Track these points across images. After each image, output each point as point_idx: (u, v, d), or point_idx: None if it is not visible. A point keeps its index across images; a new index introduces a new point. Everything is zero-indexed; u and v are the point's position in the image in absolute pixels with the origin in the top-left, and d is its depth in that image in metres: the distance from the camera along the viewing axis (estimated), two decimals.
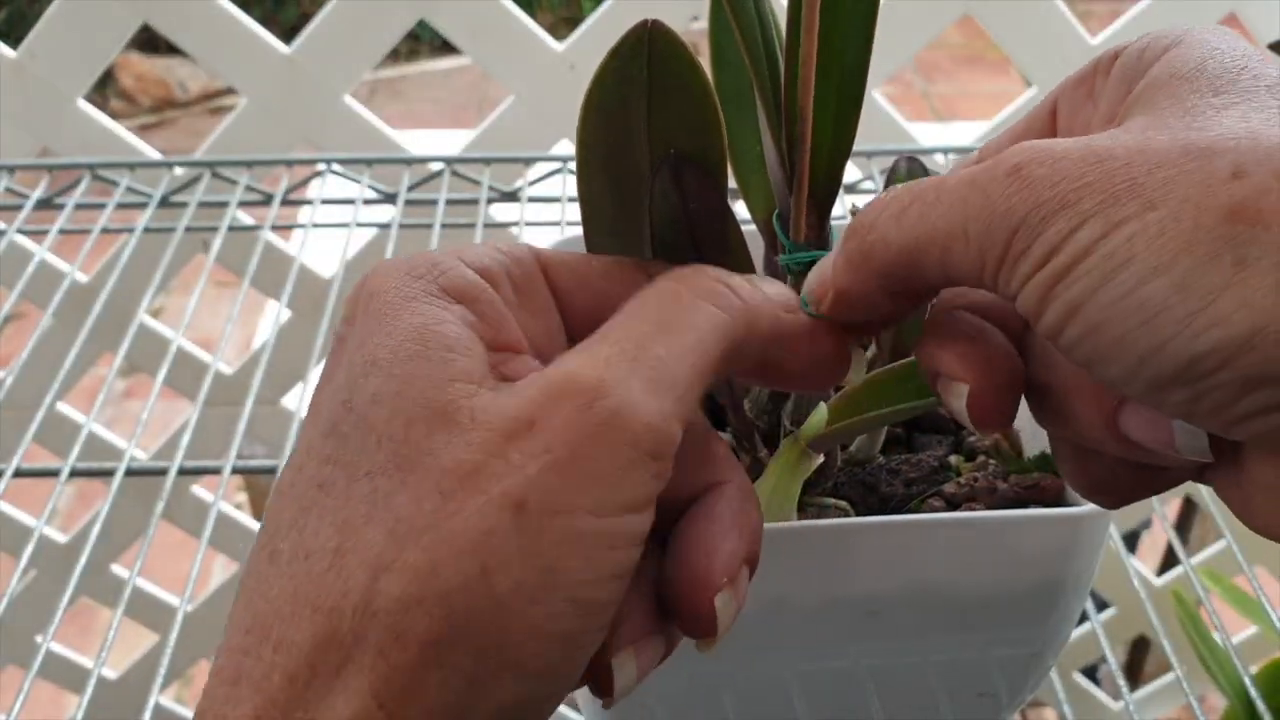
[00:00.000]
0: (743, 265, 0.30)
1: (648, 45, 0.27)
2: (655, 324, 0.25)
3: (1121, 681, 0.51)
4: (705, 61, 0.38)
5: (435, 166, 0.87)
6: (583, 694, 0.43)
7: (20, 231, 0.84)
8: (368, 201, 0.87)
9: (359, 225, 0.86)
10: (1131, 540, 1.65)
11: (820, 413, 0.35)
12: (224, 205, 0.83)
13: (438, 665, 0.22)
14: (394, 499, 0.23)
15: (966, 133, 1.10)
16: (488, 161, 0.87)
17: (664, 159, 0.28)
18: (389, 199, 0.87)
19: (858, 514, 0.40)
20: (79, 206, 0.85)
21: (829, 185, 0.34)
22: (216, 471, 0.65)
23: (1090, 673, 1.43)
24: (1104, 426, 0.26)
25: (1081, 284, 0.23)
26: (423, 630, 0.22)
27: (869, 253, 0.27)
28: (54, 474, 0.64)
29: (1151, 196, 0.22)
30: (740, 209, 0.40)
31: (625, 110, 0.28)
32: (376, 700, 0.22)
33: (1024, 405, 0.45)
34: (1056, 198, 0.23)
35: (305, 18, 1.30)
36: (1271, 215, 0.21)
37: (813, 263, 0.35)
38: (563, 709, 1.21)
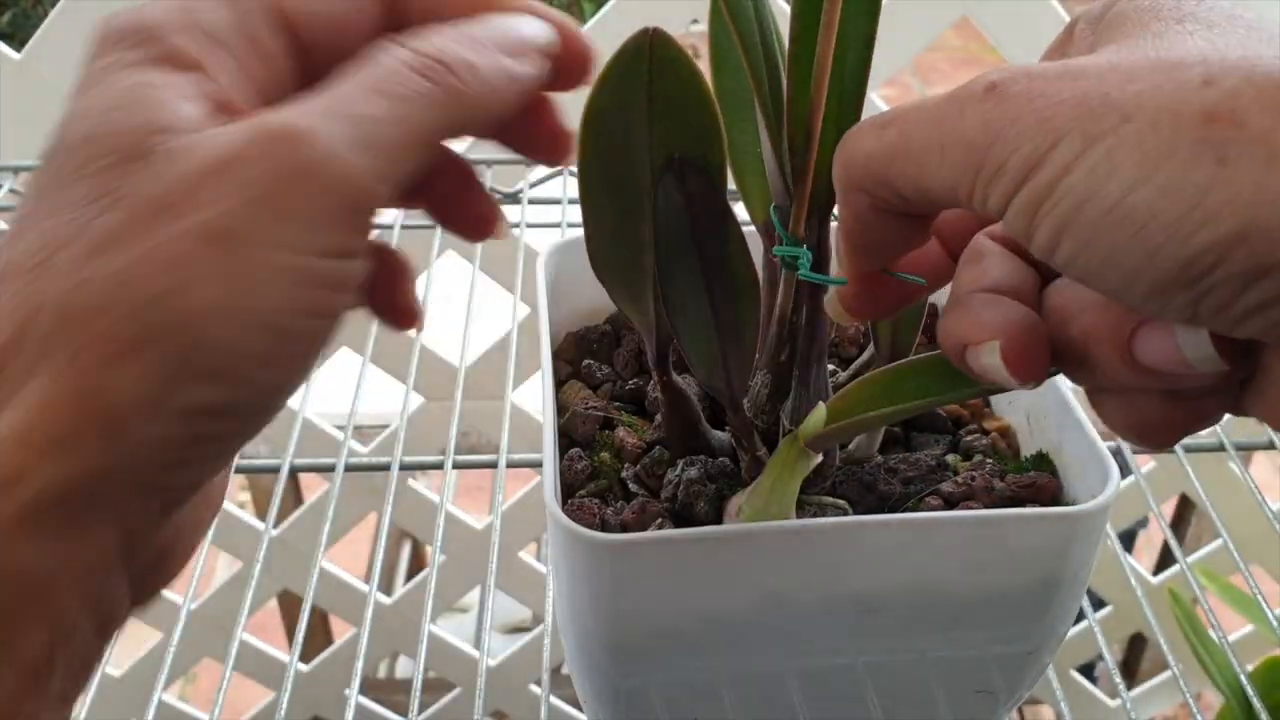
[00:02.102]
0: (743, 262, 0.31)
1: (649, 53, 0.27)
2: (370, 88, 0.25)
3: (1118, 679, 0.52)
4: (705, 64, 0.38)
5: None
6: (583, 693, 0.43)
7: None
8: None
9: None
10: (1128, 539, 1.66)
11: (819, 412, 0.36)
12: None
13: (133, 363, 0.23)
14: (91, 225, 0.24)
15: None
16: (489, 163, 0.87)
17: (668, 163, 0.29)
18: None
19: (856, 512, 0.41)
20: None
21: (829, 188, 0.35)
22: None
23: (1087, 670, 1.44)
24: (1122, 363, 0.26)
25: (1067, 202, 0.23)
26: (118, 333, 0.23)
27: (848, 162, 0.28)
28: None
29: (1126, 109, 0.23)
30: (739, 210, 0.41)
31: (626, 117, 0.28)
32: (73, 392, 0.23)
33: (1022, 402, 0.46)
34: (1032, 113, 0.24)
35: None
36: (1245, 114, 0.22)
37: (801, 259, 0.36)
38: (565, 708, 1.22)
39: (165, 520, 0.25)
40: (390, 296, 0.30)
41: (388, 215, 0.91)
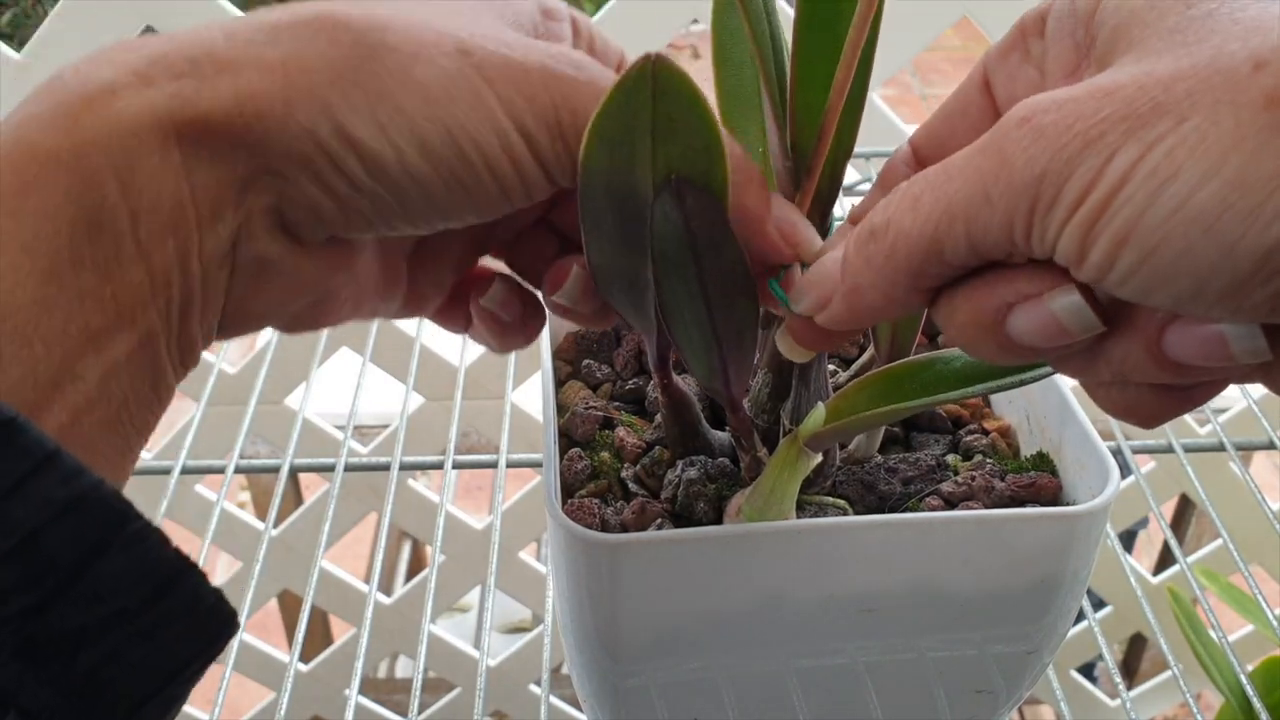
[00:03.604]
0: (741, 271, 0.31)
1: (651, 80, 0.27)
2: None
3: (1118, 679, 0.52)
4: (707, 64, 0.38)
5: None
6: (583, 693, 0.43)
7: None
8: None
9: None
10: (1128, 539, 1.66)
11: (819, 412, 0.36)
12: None
13: (347, 55, 0.27)
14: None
15: None
16: None
17: (665, 183, 0.29)
18: None
19: (856, 512, 0.41)
20: None
21: (830, 186, 0.35)
22: (220, 471, 0.65)
23: (1087, 670, 1.44)
24: (1148, 360, 0.25)
25: (1126, 211, 0.22)
26: (348, 34, 0.27)
27: (892, 251, 0.26)
28: None
29: (1180, 110, 0.22)
30: None
31: (630, 139, 0.28)
32: (282, 44, 0.27)
33: (1022, 402, 0.46)
34: (1077, 138, 0.23)
35: None
36: None
37: None
38: (565, 708, 1.22)
39: (277, 232, 0.28)
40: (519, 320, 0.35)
41: None
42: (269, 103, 0.26)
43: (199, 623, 0.25)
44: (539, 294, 0.35)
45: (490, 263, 0.37)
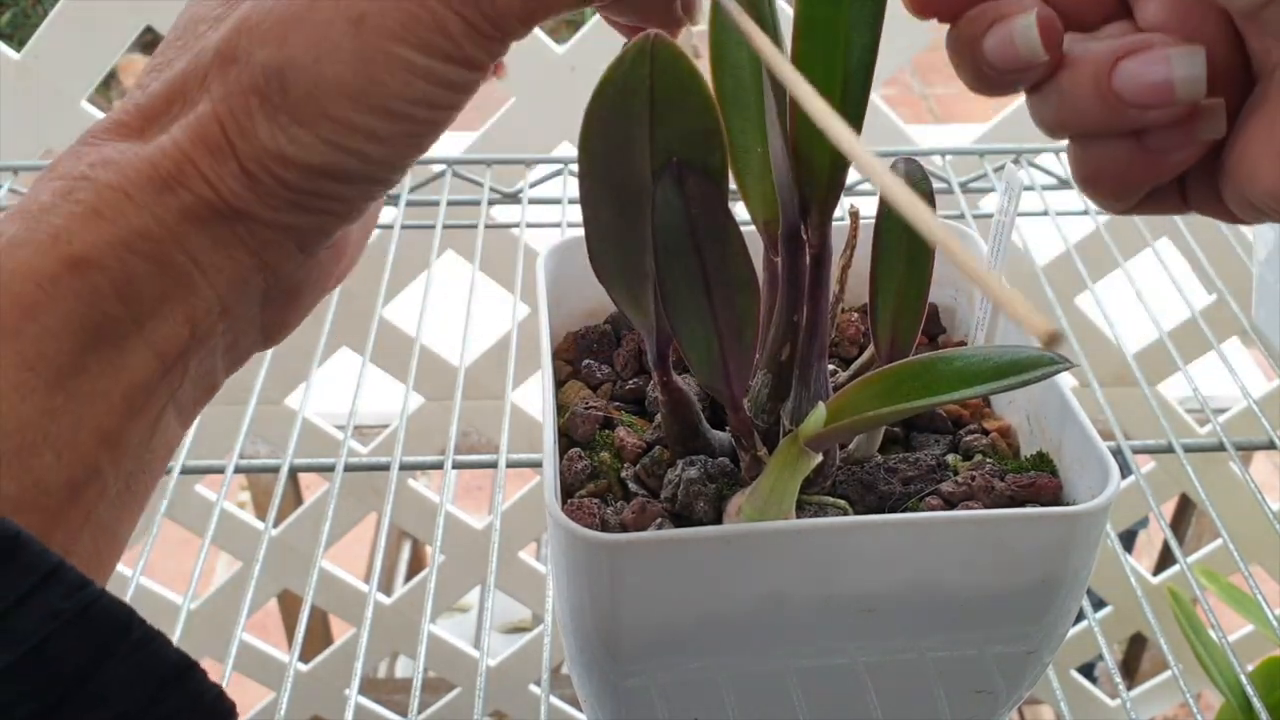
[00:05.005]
0: (742, 262, 0.31)
1: (650, 57, 0.27)
2: None
3: (1118, 679, 0.52)
4: (705, 65, 0.38)
5: (437, 168, 0.88)
6: (583, 693, 0.43)
7: None
8: None
9: None
10: (1128, 539, 1.66)
11: (819, 412, 0.36)
12: None
13: (268, 117, 0.27)
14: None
15: (964, 135, 1.11)
16: (489, 163, 0.87)
17: (666, 167, 0.29)
18: (391, 200, 0.87)
19: (856, 512, 0.41)
20: None
21: (831, 187, 0.35)
22: (220, 471, 0.65)
23: (1087, 670, 1.44)
24: (1094, 93, 0.27)
25: None
26: (259, 72, 0.27)
27: None
28: None
29: None
30: (739, 210, 0.41)
31: (627, 120, 0.28)
32: (214, 108, 0.27)
33: (1022, 402, 0.46)
34: None
35: None
36: None
37: None
38: (565, 708, 1.22)
39: (301, 257, 0.29)
40: None
41: (386, 216, 0.91)
42: (234, 177, 0.27)
43: (200, 719, 0.26)
44: None
45: None
